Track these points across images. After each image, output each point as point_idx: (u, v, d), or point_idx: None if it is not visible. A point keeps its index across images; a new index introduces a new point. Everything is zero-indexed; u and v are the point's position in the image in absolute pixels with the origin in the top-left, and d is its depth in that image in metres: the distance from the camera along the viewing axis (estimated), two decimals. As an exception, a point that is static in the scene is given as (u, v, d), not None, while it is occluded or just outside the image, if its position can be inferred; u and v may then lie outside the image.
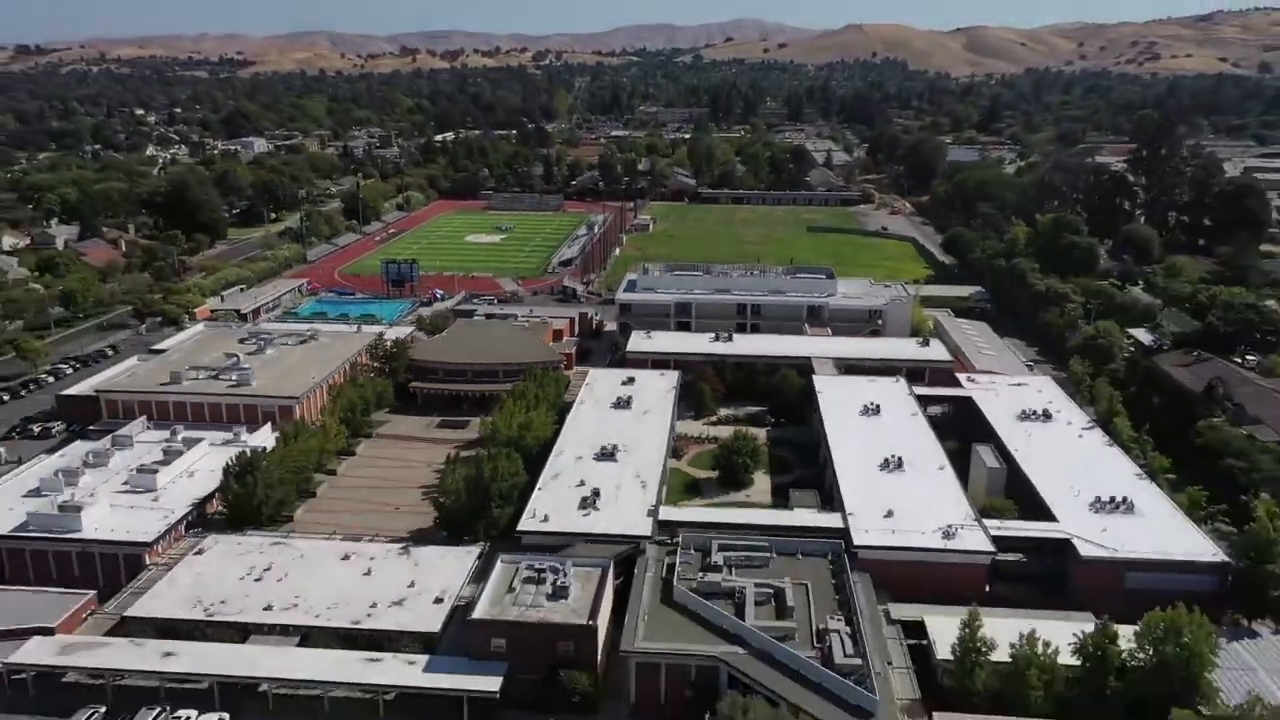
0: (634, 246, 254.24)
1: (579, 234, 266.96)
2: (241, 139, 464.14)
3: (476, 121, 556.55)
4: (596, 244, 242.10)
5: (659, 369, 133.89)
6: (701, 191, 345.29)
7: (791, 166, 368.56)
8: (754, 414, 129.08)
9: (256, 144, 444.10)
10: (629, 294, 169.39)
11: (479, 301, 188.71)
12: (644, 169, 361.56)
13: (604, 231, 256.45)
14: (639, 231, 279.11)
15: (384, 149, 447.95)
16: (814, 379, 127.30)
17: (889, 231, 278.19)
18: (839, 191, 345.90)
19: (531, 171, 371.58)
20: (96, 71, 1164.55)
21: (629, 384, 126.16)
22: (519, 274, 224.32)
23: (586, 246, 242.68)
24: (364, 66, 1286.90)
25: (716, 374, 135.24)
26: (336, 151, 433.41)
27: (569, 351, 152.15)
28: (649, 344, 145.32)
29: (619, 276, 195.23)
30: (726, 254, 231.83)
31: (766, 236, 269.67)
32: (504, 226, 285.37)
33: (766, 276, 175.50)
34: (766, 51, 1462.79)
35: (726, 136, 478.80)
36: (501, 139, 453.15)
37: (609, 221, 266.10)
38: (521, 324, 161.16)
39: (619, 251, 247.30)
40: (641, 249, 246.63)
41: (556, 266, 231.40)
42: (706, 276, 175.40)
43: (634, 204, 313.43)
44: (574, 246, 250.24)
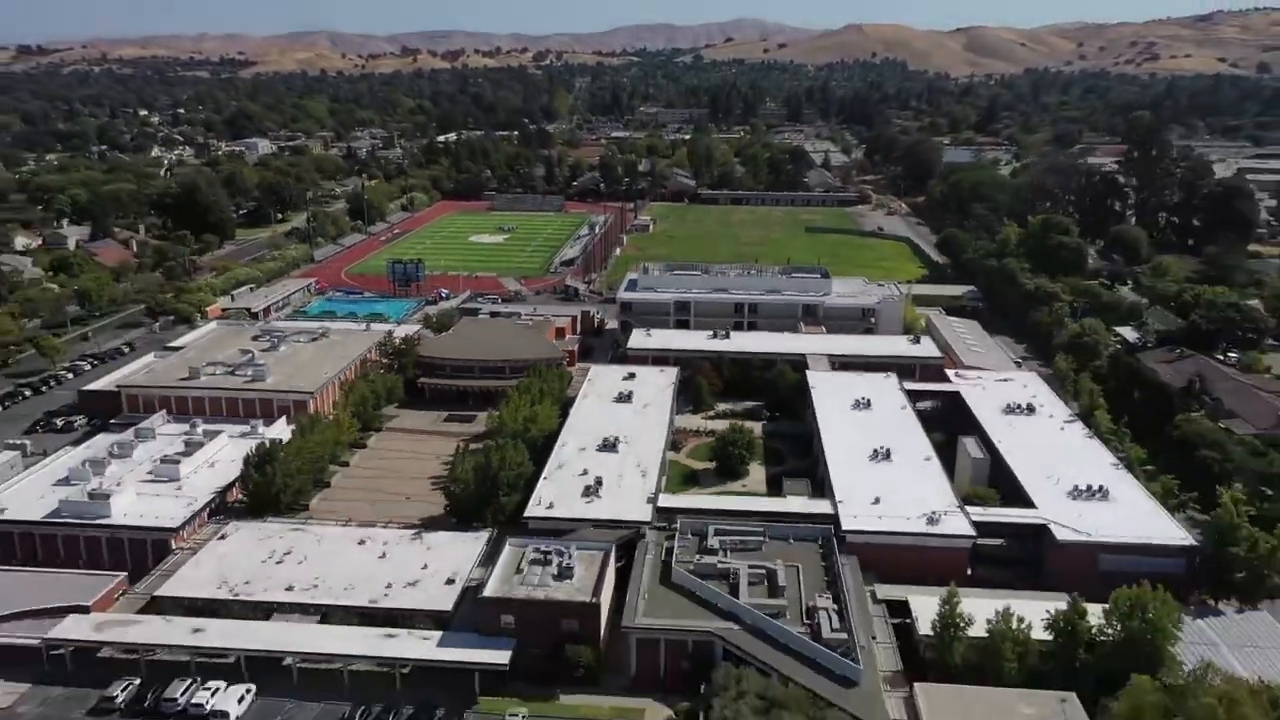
0: (634, 247, 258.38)
1: (580, 234, 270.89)
2: (245, 140, 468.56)
3: (478, 122, 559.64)
4: (598, 244, 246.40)
5: (659, 365, 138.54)
6: (701, 192, 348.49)
7: (790, 167, 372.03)
8: (750, 408, 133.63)
9: (260, 145, 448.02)
10: (629, 293, 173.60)
11: (483, 300, 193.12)
12: (644, 170, 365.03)
13: (605, 232, 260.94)
14: (639, 232, 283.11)
15: (387, 150, 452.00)
16: (808, 375, 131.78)
17: (885, 232, 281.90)
18: (836, 192, 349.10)
19: (533, 172, 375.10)
20: (98, 72, 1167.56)
21: (630, 379, 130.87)
22: (522, 274, 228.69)
23: (588, 247, 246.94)
24: (365, 67, 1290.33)
25: (714, 370, 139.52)
26: (340, 152, 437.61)
27: (571, 349, 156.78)
28: (649, 341, 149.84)
29: (620, 276, 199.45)
30: (725, 254, 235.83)
31: (765, 237, 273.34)
32: (507, 227, 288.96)
33: (763, 276, 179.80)
34: (766, 52, 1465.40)
35: (726, 137, 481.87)
36: (503, 140, 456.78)
37: (610, 222, 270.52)
38: (525, 322, 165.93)
39: (619, 251, 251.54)
40: (642, 249, 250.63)
41: (558, 266, 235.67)
42: (705, 276, 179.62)
43: (634, 205, 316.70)
44: (576, 247, 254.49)
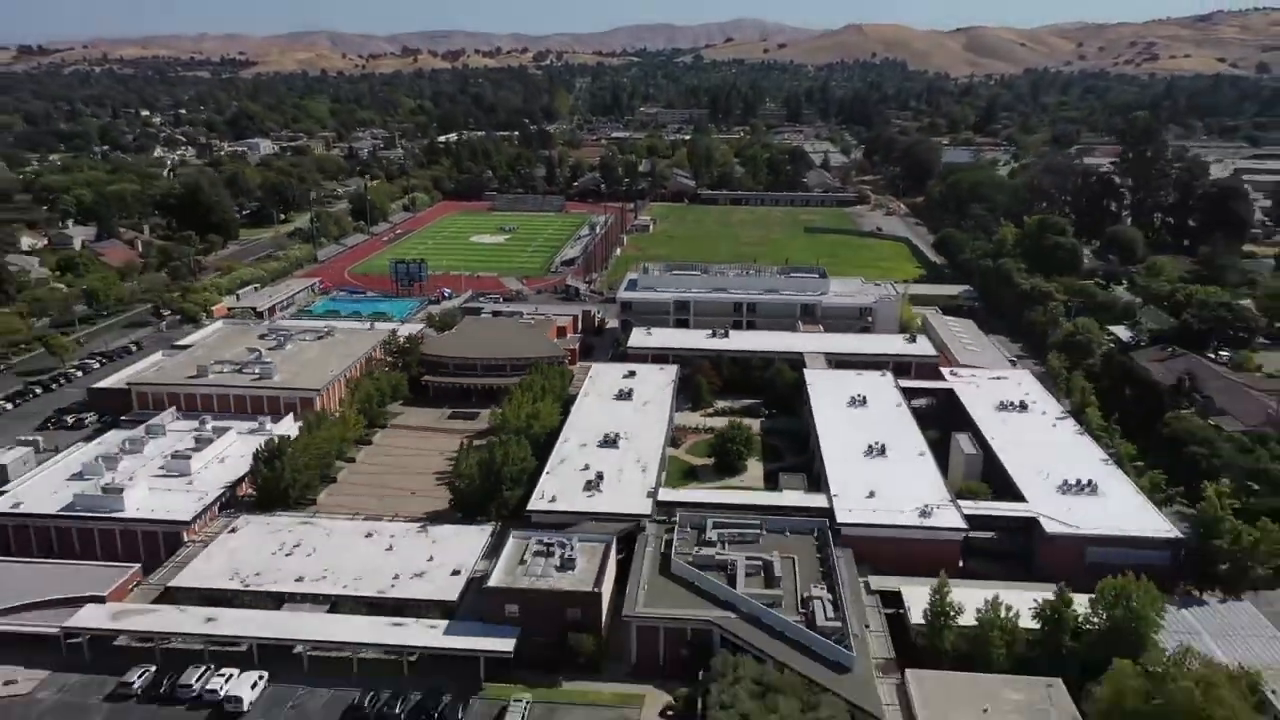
0: (634, 247, 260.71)
1: (581, 234, 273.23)
2: (247, 140, 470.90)
3: (479, 123, 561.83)
4: (598, 244, 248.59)
5: (658, 363, 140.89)
6: (701, 193, 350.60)
7: (789, 168, 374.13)
8: (749, 406, 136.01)
9: (262, 145, 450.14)
10: (630, 292, 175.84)
11: (485, 300, 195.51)
12: (644, 170, 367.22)
13: (605, 232, 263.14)
14: (639, 232, 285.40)
15: (388, 150, 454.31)
16: (805, 373, 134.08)
17: (883, 232, 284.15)
18: (835, 193, 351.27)
19: (534, 173, 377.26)
20: (99, 72, 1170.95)
21: (630, 377, 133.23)
22: (523, 273, 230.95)
23: (588, 247, 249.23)
24: (365, 67, 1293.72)
25: (713, 368, 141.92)
26: (342, 153, 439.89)
27: (573, 347, 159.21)
28: (649, 340, 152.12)
29: (620, 276, 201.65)
30: (725, 254, 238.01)
31: (764, 237, 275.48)
32: (508, 227, 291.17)
33: (762, 276, 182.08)
34: (766, 52, 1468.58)
35: (726, 138, 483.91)
36: (504, 140, 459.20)
37: (610, 222, 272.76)
38: (527, 321, 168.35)
39: (620, 251, 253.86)
40: (642, 249, 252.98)
41: (559, 266, 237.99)
42: (704, 276, 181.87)
43: (634, 205, 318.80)
44: (576, 247, 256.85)
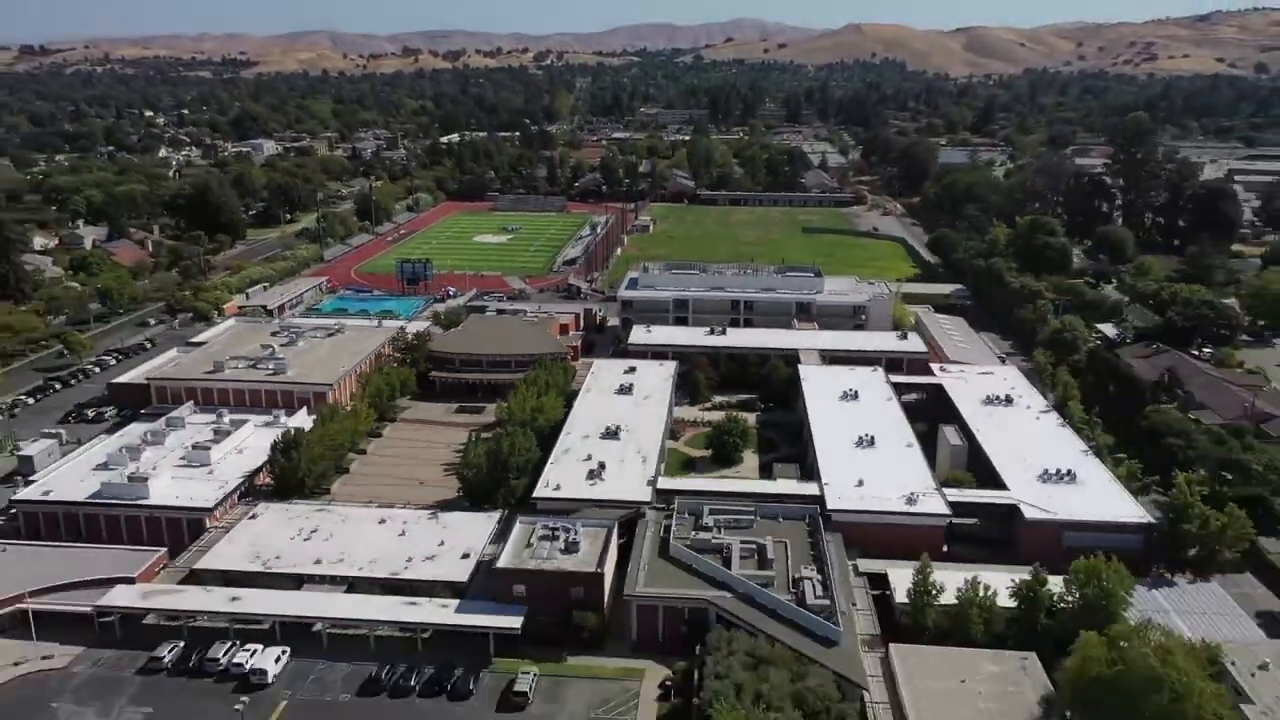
0: (635, 246, 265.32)
1: (582, 234, 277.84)
2: (251, 141, 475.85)
3: (480, 123, 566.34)
4: (599, 244, 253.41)
5: (658, 359, 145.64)
6: (700, 193, 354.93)
7: (788, 169, 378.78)
8: (745, 400, 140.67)
9: (266, 146, 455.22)
10: (630, 291, 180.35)
11: (490, 298, 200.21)
12: (644, 171, 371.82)
13: (606, 232, 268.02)
14: (640, 232, 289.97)
15: (390, 151, 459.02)
16: (800, 368, 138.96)
17: (880, 232, 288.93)
18: (833, 193, 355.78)
19: (536, 174, 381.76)
20: (101, 72, 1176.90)
21: (630, 373, 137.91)
22: (526, 273, 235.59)
23: (590, 246, 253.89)
24: (366, 67, 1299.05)
25: (711, 364, 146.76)
26: (345, 153, 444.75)
27: (575, 344, 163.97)
28: (649, 337, 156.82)
29: (621, 275, 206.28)
30: (724, 254, 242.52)
31: (762, 237, 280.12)
32: (510, 227, 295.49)
33: (759, 275, 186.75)
34: (766, 52, 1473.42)
35: (725, 138, 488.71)
36: (505, 141, 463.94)
37: (611, 222, 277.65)
38: (531, 319, 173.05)
39: (620, 251, 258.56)
40: (642, 249, 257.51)
41: (561, 265, 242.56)
42: (703, 275, 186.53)
43: (635, 205, 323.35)
44: (578, 246, 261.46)
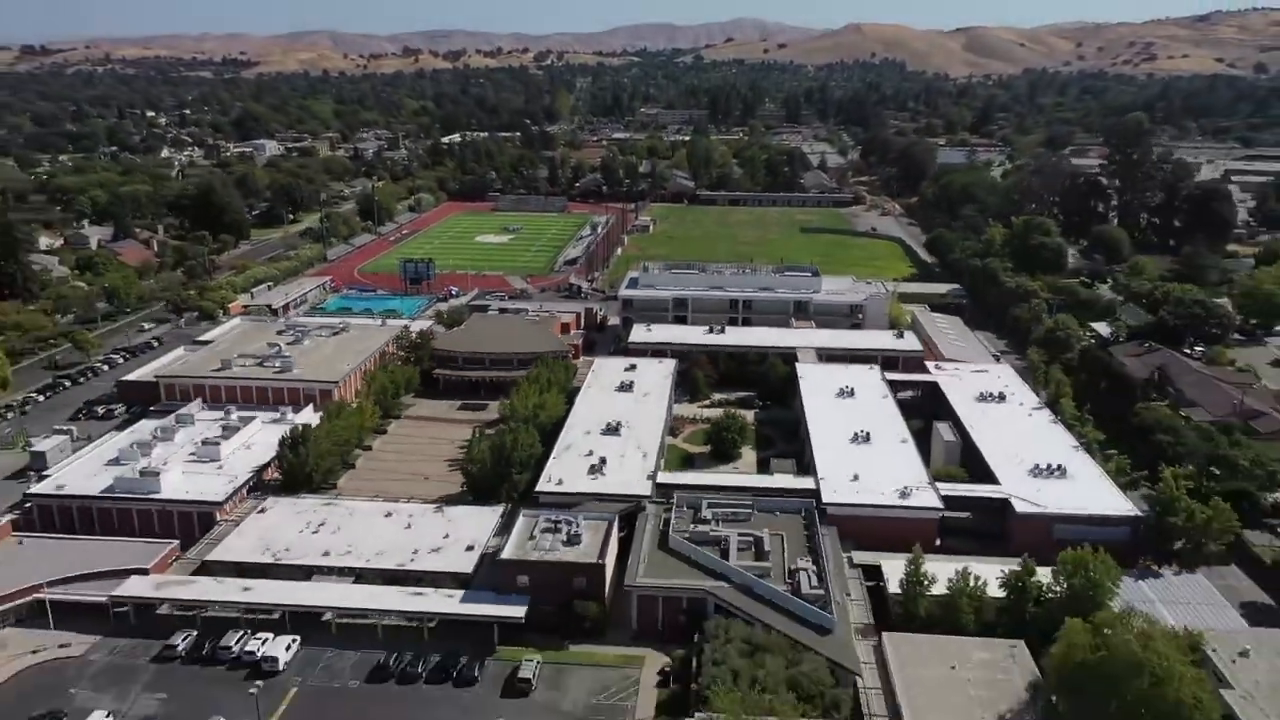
0: (635, 246, 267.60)
1: (583, 234, 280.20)
2: (253, 141, 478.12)
3: (481, 124, 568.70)
4: (600, 244, 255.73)
5: (658, 358, 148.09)
6: (700, 193, 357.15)
7: (787, 169, 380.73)
8: (743, 398, 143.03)
9: (268, 146, 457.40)
10: (630, 290, 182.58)
11: (492, 298, 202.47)
12: (644, 171, 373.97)
13: (607, 232, 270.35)
14: (640, 232, 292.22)
15: (392, 151, 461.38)
16: (797, 366, 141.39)
17: (878, 232, 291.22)
18: (832, 193, 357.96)
19: (537, 174, 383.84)
20: (102, 72, 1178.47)
21: (631, 371, 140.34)
22: (527, 272, 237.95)
23: (590, 246, 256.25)
24: (367, 67, 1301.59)
25: (710, 362, 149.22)
26: (347, 154, 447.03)
27: (576, 343, 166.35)
28: (649, 336, 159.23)
29: (621, 274, 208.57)
30: (723, 254, 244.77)
31: (762, 237, 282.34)
32: (512, 227, 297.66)
33: (757, 274, 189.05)
34: (766, 52, 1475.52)
35: (725, 139, 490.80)
36: (506, 141, 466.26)
37: (611, 223, 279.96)
38: (532, 318, 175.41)
39: (621, 251, 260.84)
40: (642, 249, 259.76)
41: (562, 265, 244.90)
42: (702, 274, 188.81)
43: (635, 205, 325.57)
44: (579, 246, 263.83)
